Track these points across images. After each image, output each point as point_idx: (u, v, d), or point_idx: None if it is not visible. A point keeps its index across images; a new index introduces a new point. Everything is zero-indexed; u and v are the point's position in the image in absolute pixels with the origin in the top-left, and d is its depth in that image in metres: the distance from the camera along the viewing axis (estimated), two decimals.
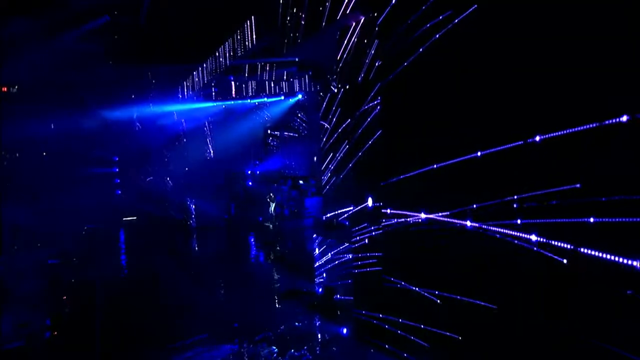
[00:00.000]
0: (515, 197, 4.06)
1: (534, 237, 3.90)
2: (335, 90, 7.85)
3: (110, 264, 11.73)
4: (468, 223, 4.54)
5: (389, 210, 5.77)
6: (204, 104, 18.93)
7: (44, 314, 7.25)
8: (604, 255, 3.40)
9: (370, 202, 6.29)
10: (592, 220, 3.46)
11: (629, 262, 3.24)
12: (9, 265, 8.97)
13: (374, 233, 6.14)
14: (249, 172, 19.05)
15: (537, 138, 3.83)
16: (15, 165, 17.58)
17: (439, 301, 5.02)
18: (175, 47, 15.40)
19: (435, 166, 4.94)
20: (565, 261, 3.70)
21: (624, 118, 3.19)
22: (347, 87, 7.11)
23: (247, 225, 15.96)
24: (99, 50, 15.87)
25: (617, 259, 3.32)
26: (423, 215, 5.17)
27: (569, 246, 3.67)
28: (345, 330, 6.56)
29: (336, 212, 7.55)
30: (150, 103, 20.70)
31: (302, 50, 9.69)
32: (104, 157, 20.67)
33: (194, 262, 12.19)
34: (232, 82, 17.09)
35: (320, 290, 8.21)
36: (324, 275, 8.19)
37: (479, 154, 4.41)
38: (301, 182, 14.83)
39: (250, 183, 18.89)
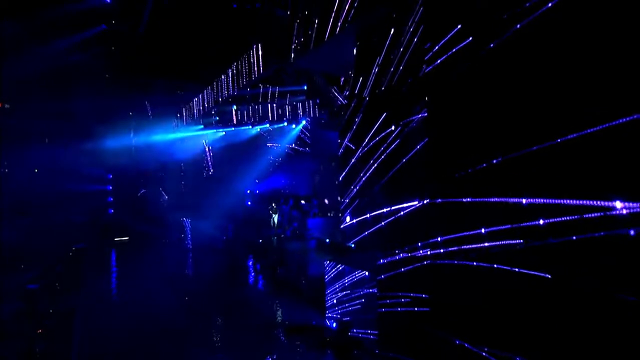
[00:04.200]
0: None
1: None
2: (349, 102, 7.12)
3: (96, 290, 10.75)
4: None
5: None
6: (203, 131, 18.39)
7: (13, 350, 6.29)
8: None
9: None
10: None
11: None
12: None
13: (401, 255, 5.22)
14: (248, 191, 18.33)
15: None
16: (3, 182, 16.80)
17: None
18: (175, 70, 14.98)
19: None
20: None
21: None
22: (373, 97, 6.34)
23: (246, 247, 15.11)
24: (95, 65, 15.38)
25: None
26: None
27: None
28: None
29: (353, 222, 6.60)
30: (148, 123, 20.16)
31: (312, 61, 9.04)
32: (98, 175, 20.01)
33: (189, 289, 11.22)
34: (234, 111, 16.44)
35: (334, 324, 7.27)
36: (337, 308, 7.27)
37: None
38: (303, 202, 14.08)
39: (249, 203, 18.13)
